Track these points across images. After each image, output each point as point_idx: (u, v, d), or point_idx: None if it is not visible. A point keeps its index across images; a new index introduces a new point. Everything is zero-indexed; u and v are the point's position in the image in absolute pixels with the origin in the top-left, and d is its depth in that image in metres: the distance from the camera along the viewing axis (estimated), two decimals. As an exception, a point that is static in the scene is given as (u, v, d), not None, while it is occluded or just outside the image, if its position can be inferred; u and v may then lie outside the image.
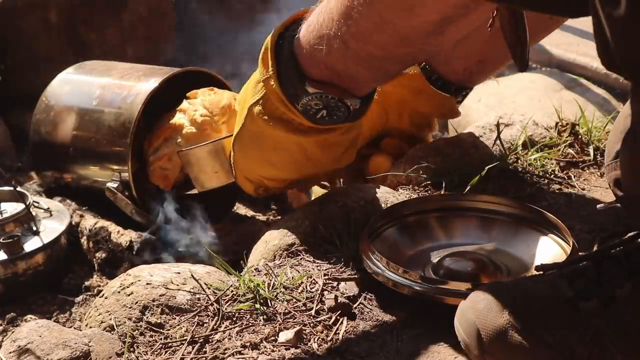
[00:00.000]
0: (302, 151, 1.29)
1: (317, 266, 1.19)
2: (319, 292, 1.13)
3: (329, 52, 1.15)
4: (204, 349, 1.04)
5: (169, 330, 1.07)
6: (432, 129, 1.59)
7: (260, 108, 1.26)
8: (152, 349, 1.04)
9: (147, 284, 1.12)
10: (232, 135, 1.35)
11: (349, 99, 1.21)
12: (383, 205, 1.30)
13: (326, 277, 1.16)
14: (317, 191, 1.55)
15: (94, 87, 1.71)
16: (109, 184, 1.60)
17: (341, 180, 1.56)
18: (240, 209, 1.75)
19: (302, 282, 1.15)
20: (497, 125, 1.49)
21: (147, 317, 1.08)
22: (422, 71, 1.49)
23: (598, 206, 1.28)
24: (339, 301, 1.11)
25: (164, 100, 1.63)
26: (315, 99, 1.20)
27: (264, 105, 1.25)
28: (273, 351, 1.02)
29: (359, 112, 1.24)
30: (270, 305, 1.10)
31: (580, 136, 1.54)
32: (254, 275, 1.17)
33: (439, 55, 1.46)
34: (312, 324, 1.07)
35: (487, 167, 1.38)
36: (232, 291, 1.13)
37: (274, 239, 1.26)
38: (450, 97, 1.50)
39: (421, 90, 1.48)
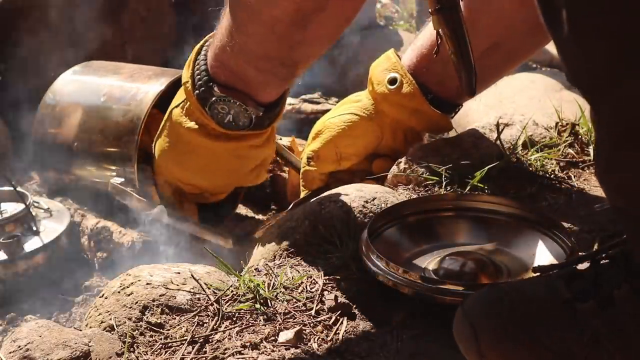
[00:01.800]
0: (213, 158, 1.39)
1: (317, 266, 1.19)
2: (319, 292, 1.13)
3: (222, 47, 1.27)
4: (204, 349, 1.04)
5: (169, 330, 1.07)
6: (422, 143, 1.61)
7: (180, 110, 1.38)
8: (152, 349, 1.04)
9: (147, 284, 1.12)
10: None
11: (250, 106, 1.31)
12: (383, 205, 1.30)
13: (326, 277, 1.16)
14: None
15: (102, 85, 1.70)
16: (113, 180, 1.59)
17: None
18: (241, 209, 1.75)
19: (302, 282, 1.15)
20: (497, 125, 1.49)
21: (147, 317, 1.08)
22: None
23: (597, 206, 1.29)
24: (339, 301, 1.11)
25: (168, 102, 1.63)
26: (221, 102, 1.31)
27: (183, 107, 1.37)
28: (273, 351, 1.02)
29: (262, 120, 1.35)
30: (270, 305, 1.10)
31: (580, 136, 1.54)
32: (254, 275, 1.17)
33: (432, 76, 1.48)
34: (312, 324, 1.07)
35: (487, 167, 1.38)
36: (232, 291, 1.13)
37: (274, 239, 1.26)
38: (445, 116, 1.52)
39: (417, 109, 1.49)
